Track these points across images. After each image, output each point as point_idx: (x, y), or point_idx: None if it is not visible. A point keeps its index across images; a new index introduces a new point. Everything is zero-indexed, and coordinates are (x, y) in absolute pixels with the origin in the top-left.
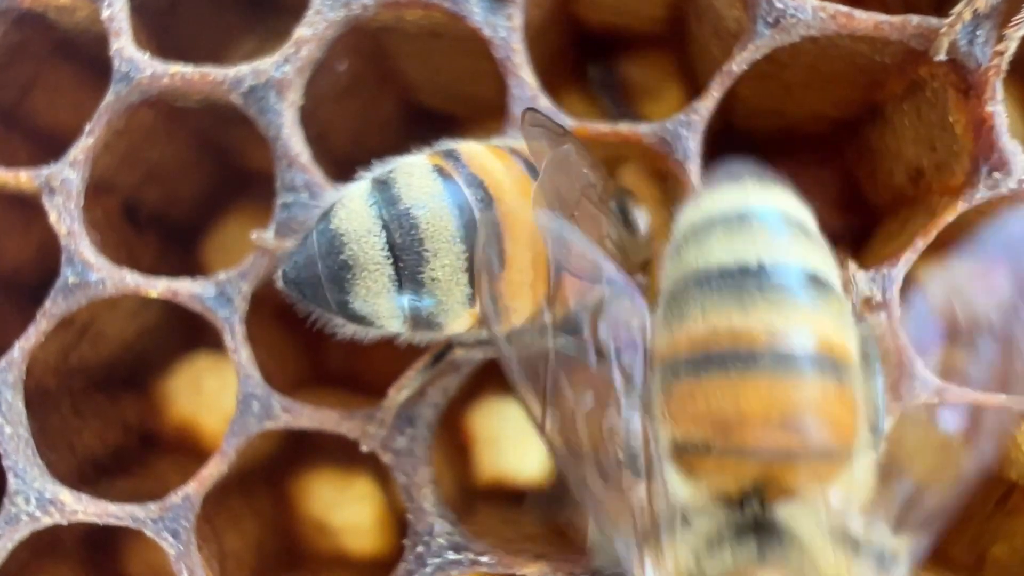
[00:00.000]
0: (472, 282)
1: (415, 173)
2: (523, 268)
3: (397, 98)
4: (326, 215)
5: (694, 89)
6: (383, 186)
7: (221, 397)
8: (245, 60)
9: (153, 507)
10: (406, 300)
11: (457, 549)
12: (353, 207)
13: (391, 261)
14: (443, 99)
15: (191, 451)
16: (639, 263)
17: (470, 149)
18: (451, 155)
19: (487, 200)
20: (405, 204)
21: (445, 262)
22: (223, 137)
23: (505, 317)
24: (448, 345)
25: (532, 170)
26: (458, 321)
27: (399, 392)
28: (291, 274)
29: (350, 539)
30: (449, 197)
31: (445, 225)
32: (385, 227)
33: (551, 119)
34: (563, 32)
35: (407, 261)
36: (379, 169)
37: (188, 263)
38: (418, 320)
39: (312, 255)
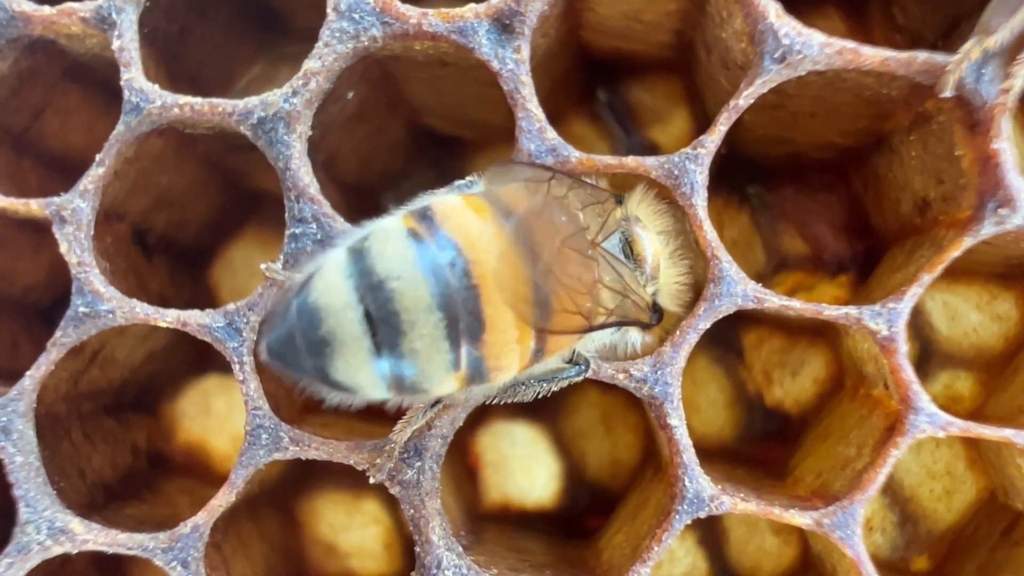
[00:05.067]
0: (454, 347)
1: (389, 240)
2: (505, 328)
3: (405, 122)
4: (304, 287)
5: (702, 113)
6: (358, 256)
7: (230, 418)
8: (254, 83)
9: (163, 537)
10: (387, 368)
11: None
12: (330, 280)
13: (369, 334)
14: (451, 123)
15: (200, 473)
16: (646, 298)
17: (446, 207)
18: (425, 216)
19: (462, 262)
20: (379, 276)
21: (423, 332)
22: (231, 161)
23: (492, 378)
24: None
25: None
26: (443, 385)
27: (405, 429)
28: (274, 347)
29: (358, 562)
30: (423, 264)
31: (420, 295)
32: (361, 300)
33: (533, 165)
34: (571, 58)
35: (385, 334)
36: (356, 235)
37: (197, 286)
38: (402, 387)
39: (292, 329)
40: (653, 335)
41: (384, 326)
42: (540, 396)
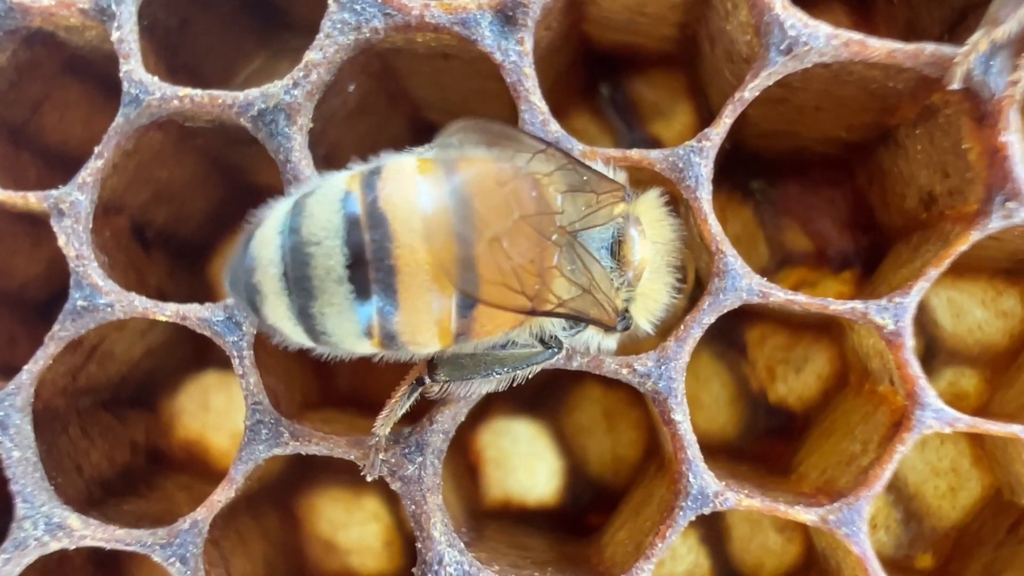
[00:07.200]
0: (364, 319)
1: (324, 200)
2: (419, 308)
3: (406, 116)
4: (252, 233)
5: (705, 108)
6: (296, 211)
7: (229, 414)
8: (254, 77)
9: (161, 533)
10: (304, 323)
11: None
12: (266, 232)
13: (286, 292)
14: (452, 118)
15: (199, 469)
16: (614, 301)
17: (395, 171)
18: (370, 180)
19: (385, 238)
20: (303, 238)
21: (333, 301)
22: (232, 155)
23: (411, 350)
24: (419, 380)
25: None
26: (358, 347)
27: (385, 423)
28: (229, 280)
29: (358, 559)
30: (344, 234)
31: (332, 266)
32: (283, 259)
33: (526, 133)
34: (573, 51)
35: (297, 294)
36: (309, 185)
37: (196, 281)
38: (319, 341)
39: (237, 269)
40: (614, 341)
41: (297, 288)
42: (515, 384)
